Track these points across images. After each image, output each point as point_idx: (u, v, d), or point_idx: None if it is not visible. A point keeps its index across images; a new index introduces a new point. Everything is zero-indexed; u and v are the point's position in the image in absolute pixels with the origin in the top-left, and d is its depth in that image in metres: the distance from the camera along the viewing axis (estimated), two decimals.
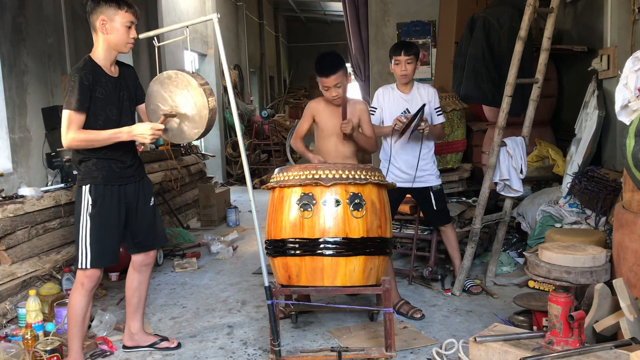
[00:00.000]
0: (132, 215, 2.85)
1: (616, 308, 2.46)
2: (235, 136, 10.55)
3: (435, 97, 3.66)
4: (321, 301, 3.61)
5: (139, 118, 2.96)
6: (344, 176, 2.62)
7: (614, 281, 2.45)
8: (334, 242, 2.58)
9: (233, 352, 2.99)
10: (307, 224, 2.61)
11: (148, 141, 2.69)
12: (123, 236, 2.86)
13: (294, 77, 18.49)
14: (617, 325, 2.41)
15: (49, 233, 3.96)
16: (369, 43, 6.41)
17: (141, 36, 2.83)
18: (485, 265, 4.17)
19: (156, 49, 2.91)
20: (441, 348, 2.82)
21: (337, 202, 2.60)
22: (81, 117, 2.62)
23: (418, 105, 3.50)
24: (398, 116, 3.48)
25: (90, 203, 2.70)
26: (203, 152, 8.12)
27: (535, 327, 2.90)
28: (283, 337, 3.01)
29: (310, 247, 2.60)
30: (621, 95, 2.74)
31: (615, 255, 2.72)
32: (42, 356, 2.75)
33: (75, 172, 4.04)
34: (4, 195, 3.86)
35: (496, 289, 3.79)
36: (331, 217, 2.60)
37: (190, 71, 2.71)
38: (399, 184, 3.47)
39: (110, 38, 2.68)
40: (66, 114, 2.60)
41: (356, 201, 2.61)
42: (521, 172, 3.84)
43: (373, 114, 3.58)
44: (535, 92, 3.88)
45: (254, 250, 5.18)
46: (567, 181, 4.18)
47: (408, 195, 3.75)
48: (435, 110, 3.65)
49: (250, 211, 4.35)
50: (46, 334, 2.99)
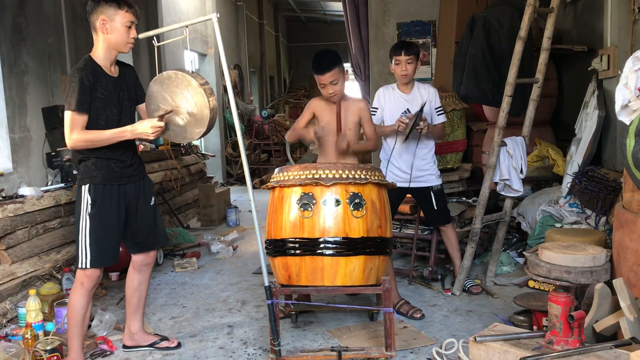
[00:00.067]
0: (133, 215, 2.85)
1: (616, 308, 2.46)
2: (235, 136, 10.54)
3: (435, 97, 3.66)
4: (321, 301, 3.61)
5: (140, 118, 2.96)
6: (344, 176, 2.61)
7: (614, 281, 2.45)
8: (334, 242, 2.58)
9: (233, 352, 2.99)
10: (307, 224, 2.61)
11: (152, 138, 2.69)
12: (123, 236, 2.86)
13: (294, 77, 18.48)
14: (617, 325, 2.42)
15: (49, 233, 3.97)
16: (369, 43, 6.40)
17: (141, 36, 2.82)
18: (485, 265, 4.17)
19: (156, 49, 2.90)
20: (441, 348, 2.82)
21: (337, 202, 2.60)
22: (84, 118, 2.62)
23: (418, 105, 3.50)
24: (400, 117, 3.47)
25: (89, 203, 2.70)
26: (203, 152, 8.11)
27: (535, 327, 2.90)
28: (283, 337, 3.01)
29: (310, 247, 2.60)
30: (621, 95, 2.74)
31: (615, 255, 2.72)
32: (42, 356, 2.75)
33: (75, 172, 4.05)
34: (4, 194, 3.86)
35: (496, 289, 3.79)
36: (331, 217, 2.60)
37: (190, 71, 2.71)
38: (399, 184, 3.47)
39: (110, 38, 2.68)
40: (68, 115, 2.60)
41: (356, 201, 2.61)
42: (521, 172, 3.84)
43: (374, 114, 3.58)
44: (535, 92, 3.88)
45: (254, 250, 5.18)
46: (567, 181, 4.18)
47: (408, 195, 3.75)
48: (436, 110, 3.65)
49: (250, 211, 4.35)
50: (46, 334, 2.99)
